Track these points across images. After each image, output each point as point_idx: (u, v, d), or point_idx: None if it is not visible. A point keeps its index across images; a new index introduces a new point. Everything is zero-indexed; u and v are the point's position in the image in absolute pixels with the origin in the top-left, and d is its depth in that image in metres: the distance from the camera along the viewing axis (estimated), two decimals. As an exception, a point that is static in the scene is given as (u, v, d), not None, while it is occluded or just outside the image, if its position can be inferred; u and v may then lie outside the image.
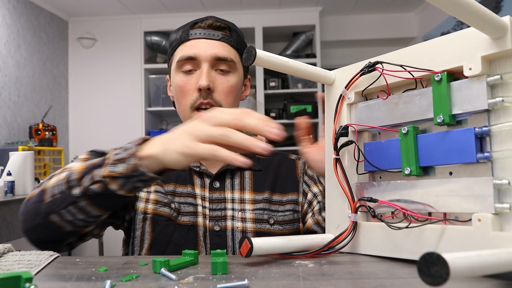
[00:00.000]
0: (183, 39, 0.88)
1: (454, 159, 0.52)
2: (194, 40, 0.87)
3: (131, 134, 3.92)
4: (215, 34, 0.87)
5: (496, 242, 0.46)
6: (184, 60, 0.86)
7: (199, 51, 0.85)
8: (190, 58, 0.86)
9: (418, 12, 4.14)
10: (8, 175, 2.34)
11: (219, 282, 0.48)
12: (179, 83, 0.87)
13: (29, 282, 0.42)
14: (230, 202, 0.86)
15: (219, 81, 0.86)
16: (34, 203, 0.67)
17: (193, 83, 0.85)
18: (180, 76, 0.87)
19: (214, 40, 0.87)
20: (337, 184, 0.65)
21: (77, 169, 0.65)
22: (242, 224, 0.84)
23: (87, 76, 4.05)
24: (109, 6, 3.80)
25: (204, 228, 0.83)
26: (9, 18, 3.22)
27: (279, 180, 0.92)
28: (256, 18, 3.96)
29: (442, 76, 0.53)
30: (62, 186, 0.65)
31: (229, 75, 0.88)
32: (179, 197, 0.86)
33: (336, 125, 0.66)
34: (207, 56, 0.85)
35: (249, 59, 0.58)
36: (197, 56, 0.85)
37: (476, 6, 0.44)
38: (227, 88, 0.86)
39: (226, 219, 0.84)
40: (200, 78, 0.84)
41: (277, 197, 0.89)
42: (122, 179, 0.60)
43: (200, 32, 0.87)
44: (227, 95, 0.86)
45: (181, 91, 0.87)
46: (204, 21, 0.88)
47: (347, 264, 0.56)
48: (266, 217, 0.86)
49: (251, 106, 3.84)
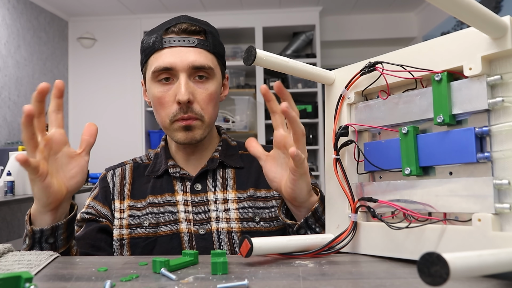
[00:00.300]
0: (157, 47, 0.83)
1: (454, 159, 0.52)
2: (168, 48, 0.82)
3: (131, 134, 3.93)
4: (190, 40, 0.83)
5: (496, 242, 0.46)
6: (160, 70, 0.82)
7: (175, 61, 0.81)
8: (167, 69, 0.81)
9: (418, 12, 4.14)
10: (8, 175, 2.34)
11: (219, 282, 0.48)
12: (156, 94, 0.83)
13: (29, 282, 0.42)
14: (214, 203, 0.85)
15: (198, 91, 0.83)
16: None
17: (171, 94, 0.82)
18: (157, 87, 0.83)
19: (190, 48, 0.82)
20: (337, 184, 0.65)
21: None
22: (227, 225, 0.83)
23: (87, 76, 4.05)
24: (109, 6, 3.80)
25: (189, 234, 0.82)
26: (9, 18, 3.22)
27: (262, 176, 0.86)
28: (256, 18, 3.97)
29: (442, 76, 0.53)
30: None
31: (208, 82, 0.84)
32: (157, 207, 0.84)
33: (336, 125, 0.66)
34: (184, 66, 0.81)
35: (249, 59, 0.58)
36: (173, 66, 0.81)
37: (476, 6, 0.44)
38: (207, 97, 0.83)
39: (210, 221, 0.83)
40: (179, 91, 0.80)
41: (261, 193, 0.87)
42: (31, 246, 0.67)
43: (175, 39, 0.82)
44: (207, 104, 0.84)
45: (159, 103, 0.83)
46: (177, 25, 0.84)
47: (347, 264, 0.56)
48: (251, 215, 0.84)
49: (251, 106, 3.85)
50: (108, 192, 0.90)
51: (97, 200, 0.90)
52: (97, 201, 0.90)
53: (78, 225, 0.88)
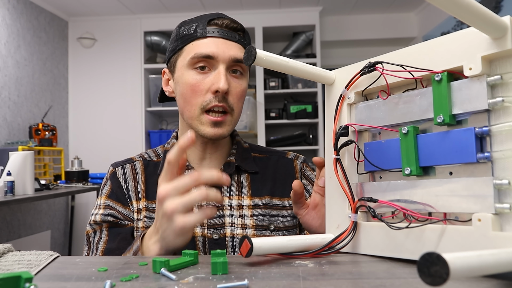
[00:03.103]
0: (199, 35, 0.83)
1: (454, 159, 0.52)
2: (211, 38, 0.83)
3: (131, 134, 3.93)
4: (232, 35, 0.84)
5: (496, 242, 0.46)
6: (201, 57, 0.81)
7: (217, 51, 0.81)
8: (208, 57, 0.81)
9: (418, 12, 4.14)
10: (8, 175, 2.34)
11: (219, 282, 0.48)
12: (191, 81, 0.82)
13: (29, 282, 0.42)
14: (228, 209, 0.84)
15: (234, 85, 0.83)
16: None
17: (207, 83, 0.81)
18: (193, 73, 0.83)
19: (232, 41, 0.84)
20: (337, 184, 0.65)
21: None
22: (242, 231, 0.82)
23: (87, 76, 4.05)
24: (109, 6, 3.80)
25: (203, 238, 0.82)
26: (9, 18, 3.22)
27: (277, 183, 0.89)
28: (256, 18, 3.97)
29: (442, 76, 0.53)
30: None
31: (242, 78, 0.85)
32: None
33: (336, 125, 0.66)
34: (226, 58, 0.81)
35: (249, 59, 0.58)
36: (215, 56, 0.81)
37: (476, 6, 0.44)
38: (240, 92, 0.84)
39: (225, 226, 0.83)
40: (219, 80, 0.80)
41: (276, 201, 0.87)
42: None
43: (219, 31, 0.83)
44: (239, 99, 0.84)
45: (192, 90, 0.82)
46: (221, 19, 0.84)
47: (347, 264, 0.56)
48: (266, 223, 0.84)
49: (251, 106, 3.84)
50: (123, 191, 0.87)
51: (114, 199, 0.86)
52: (115, 201, 0.86)
53: (94, 227, 0.85)
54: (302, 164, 0.94)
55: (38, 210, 3.45)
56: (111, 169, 0.91)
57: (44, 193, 2.54)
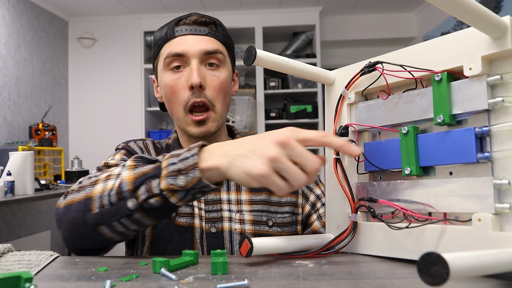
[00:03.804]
0: (169, 36, 0.85)
1: (454, 159, 0.52)
2: (180, 36, 0.84)
3: (131, 134, 3.92)
4: (201, 29, 0.85)
5: (496, 242, 0.46)
6: (172, 57, 0.83)
7: (187, 47, 0.83)
8: (178, 55, 0.83)
9: (418, 12, 4.14)
10: (8, 175, 2.34)
11: (219, 282, 0.48)
12: (168, 82, 0.84)
13: (29, 282, 0.42)
14: (226, 203, 0.84)
15: (210, 78, 0.84)
16: (79, 212, 0.63)
17: (183, 81, 0.83)
18: (169, 74, 0.85)
19: (201, 36, 0.85)
20: (337, 184, 0.65)
21: (127, 178, 0.61)
22: (241, 226, 0.82)
23: (87, 76, 4.05)
24: (109, 6, 3.80)
25: (201, 230, 0.82)
26: (9, 18, 3.22)
27: None
28: (256, 18, 3.96)
29: (442, 76, 0.53)
30: (113, 198, 0.61)
31: (219, 70, 0.85)
32: None
33: (336, 125, 0.66)
34: (196, 52, 0.82)
35: (249, 59, 0.58)
36: (185, 53, 0.82)
37: (476, 6, 0.44)
38: (218, 85, 0.84)
39: (222, 220, 0.83)
40: (191, 75, 0.81)
41: (275, 197, 0.87)
42: (182, 192, 0.57)
43: (186, 29, 0.85)
44: (218, 91, 0.84)
45: (171, 91, 0.84)
46: (188, 18, 0.86)
47: (347, 264, 0.56)
48: (264, 219, 0.84)
49: (251, 106, 3.84)
50: None
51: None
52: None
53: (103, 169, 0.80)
54: None
55: (38, 210, 3.45)
56: (122, 144, 0.89)
57: (44, 193, 2.53)
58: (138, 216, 0.61)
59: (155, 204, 0.59)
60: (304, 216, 0.89)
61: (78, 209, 0.63)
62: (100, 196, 0.62)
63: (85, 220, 0.62)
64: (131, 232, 0.64)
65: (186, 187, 0.57)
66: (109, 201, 0.61)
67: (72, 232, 0.65)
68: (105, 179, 0.65)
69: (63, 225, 0.65)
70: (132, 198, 0.60)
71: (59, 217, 0.66)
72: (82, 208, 0.63)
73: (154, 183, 0.58)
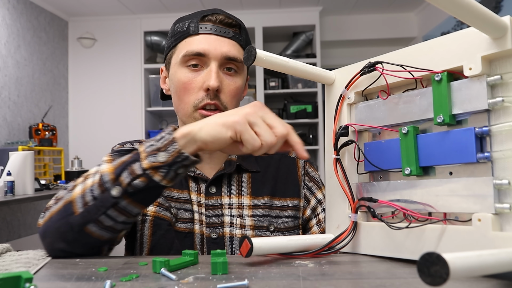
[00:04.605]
0: (192, 32, 0.82)
1: (454, 159, 0.52)
2: (204, 35, 0.81)
3: (131, 134, 3.92)
4: (226, 31, 0.83)
5: (496, 242, 0.46)
6: (192, 55, 0.81)
7: (209, 48, 0.80)
8: (199, 54, 0.80)
9: (418, 12, 4.14)
10: (8, 175, 2.34)
11: (219, 282, 0.48)
12: (183, 79, 0.82)
13: (29, 282, 0.42)
14: (228, 208, 0.83)
15: (227, 82, 0.82)
16: (61, 220, 0.63)
17: (200, 81, 0.81)
18: (185, 71, 0.82)
19: (225, 38, 0.82)
20: (337, 184, 0.65)
21: (107, 170, 0.62)
22: (241, 231, 0.81)
23: (87, 76, 4.05)
24: (109, 6, 3.80)
25: (201, 236, 0.81)
26: (9, 18, 3.22)
27: (279, 183, 0.88)
28: (256, 18, 3.96)
29: (442, 76, 0.53)
30: (96, 192, 0.61)
31: (236, 76, 0.84)
32: (175, 202, 0.82)
33: (336, 125, 0.66)
34: (218, 55, 0.80)
35: (249, 59, 0.58)
36: (207, 53, 0.80)
37: (476, 6, 0.44)
38: (234, 90, 0.83)
39: (223, 225, 0.82)
40: (209, 77, 0.79)
41: (277, 201, 0.86)
42: (165, 168, 0.60)
43: (211, 27, 0.82)
44: (233, 97, 0.83)
45: (184, 88, 0.82)
46: (214, 15, 0.83)
47: (347, 264, 0.56)
48: (266, 224, 0.83)
49: (251, 106, 3.84)
50: None
51: None
52: None
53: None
54: (305, 164, 0.93)
55: (38, 210, 3.45)
56: (118, 146, 0.88)
57: (44, 193, 2.53)
58: (125, 204, 0.61)
59: (140, 185, 0.60)
60: (304, 220, 0.88)
61: (59, 218, 0.63)
62: (82, 196, 0.63)
63: (70, 224, 0.62)
64: (120, 225, 0.64)
65: (167, 161, 0.60)
66: (92, 196, 0.62)
67: (58, 243, 0.64)
68: (83, 180, 0.66)
69: (48, 240, 0.64)
70: (115, 186, 0.61)
71: (42, 234, 0.65)
72: (64, 215, 0.63)
73: (136, 165, 0.61)
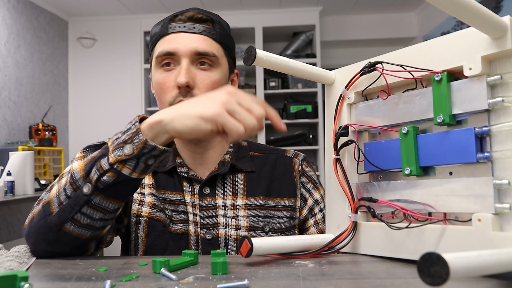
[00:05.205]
0: (162, 33, 0.83)
1: (454, 159, 0.52)
2: (173, 34, 0.82)
3: (131, 134, 3.92)
4: (195, 27, 0.82)
5: (496, 242, 0.46)
6: (163, 55, 0.82)
7: (178, 46, 0.81)
8: (169, 54, 0.81)
9: (418, 12, 4.14)
10: (8, 175, 2.34)
11: (219, 282, 0.48)
12: (158, 79, 0.83)
13: (24, 281, 0.42)
14: (222, 209, 0.83)
15: (200, 77, 0.81)
16: (40, 220, 0.64)
17: (172, 79, 0.81)
18: (160, 72, 0.83)
19: (195, 34, 0.82)
20: (337, 184, 0.65)
21: (78, 167, 0.63)
22: (236, 232, 0.81)
23: (87, 76, 4.05)
24: (109, 6, 3.80)
25: (196, 237, 0.81)
26: (9, 18, 3.22)
27: (274, 183, 0.87)
28: (256, 18, 3.96)
29: (442, 76, 0.53)
30: (68, 190, 0.62)
31: (211, 70, 0.82)
32: (169, 204, 0.82)
33: (336, 125, 0.66)
34: (187, 51, 0.80)
35: (249, 59, 0.58)
36: (175, 51, 0.80)
37: (476, 6, 0.44)
38: (209, 84, 0.81)
39: (218, 226, 0.81)
40: (178, 75, 0.80)
41: (272, 201, 0.85)
42: (132, 160, 0.59)
43: (180, 26, 0.82)
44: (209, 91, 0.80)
45: (160, 88, 0.83)
46: (184, 14, 0.83)
47: (347, 264, 0.56)
48: (261, 225, 0.82)
49: (251, 106, 3.84)
50: None
51: None
52: None
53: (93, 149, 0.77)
54: (302, 162, 0.92)
55: (38, 210, 3.45)
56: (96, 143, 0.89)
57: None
58: (98, 200, 0.61)
59: (109, 181, 0.60)
60: (300, 220, 0.88)
61: (39, 218, 0.64)
62: (57, 196, 0.63)
63: (49, 225, 0.63)
64: (98, 222, 0.64)
65: (133, 154, 0.59)
66: (65, 196, 0.62)
67: (40, 244, 0.65)
68: (59, 179, 0.66)
69: (31, 241, 0.66)
70: (86, 183, 0.61)
71: (25, 235, 0.67)
72: (43, 216, 0.64)
73: (103, 160, 0.60)
